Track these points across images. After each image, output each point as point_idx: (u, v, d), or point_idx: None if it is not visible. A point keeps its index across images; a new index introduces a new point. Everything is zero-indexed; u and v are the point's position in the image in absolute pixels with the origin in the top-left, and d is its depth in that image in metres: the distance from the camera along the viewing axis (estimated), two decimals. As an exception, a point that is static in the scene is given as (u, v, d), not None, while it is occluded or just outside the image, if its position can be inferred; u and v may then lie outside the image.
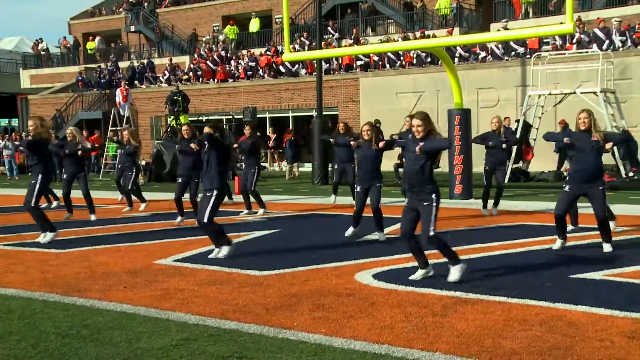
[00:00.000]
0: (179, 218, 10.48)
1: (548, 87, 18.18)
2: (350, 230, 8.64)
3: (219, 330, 4.70)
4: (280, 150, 24.92)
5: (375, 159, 8.27)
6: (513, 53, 22.05)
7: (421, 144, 6.00)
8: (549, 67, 18.25)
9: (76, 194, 11.69)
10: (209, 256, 7.48)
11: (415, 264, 6.34)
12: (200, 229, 7.68)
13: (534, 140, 17.84)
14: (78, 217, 11.36)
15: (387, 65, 24.85)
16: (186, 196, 10.54)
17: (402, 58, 24.54)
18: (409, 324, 4.72)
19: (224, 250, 7.47)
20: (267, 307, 5.31)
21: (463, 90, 14.26)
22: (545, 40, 22.07)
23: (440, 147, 6.18)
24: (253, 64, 28.10)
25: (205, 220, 7.27)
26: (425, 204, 6.06)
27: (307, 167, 24.02)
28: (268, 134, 25.43)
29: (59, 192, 12.89)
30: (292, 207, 12.87)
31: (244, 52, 29.77)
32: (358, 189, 8.34)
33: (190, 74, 29.35)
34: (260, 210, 11.66)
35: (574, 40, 21.17)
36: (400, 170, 16.92)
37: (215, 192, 7.31)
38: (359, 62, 25.39)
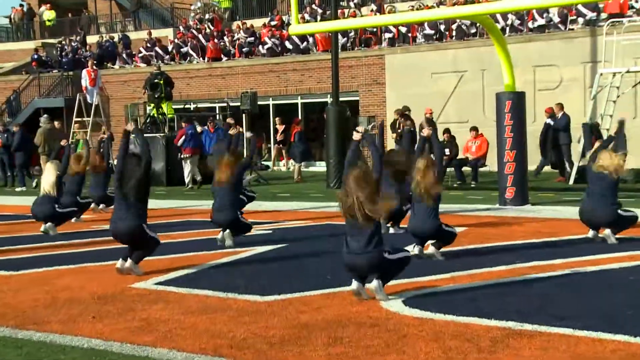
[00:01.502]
0: None
1: (625, 63, 18.06)
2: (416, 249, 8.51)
3: (211, 370, 4.73)
4: (282, 146, 24.96)
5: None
6: (583, 21, 21.87)
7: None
8: (627, 38, 18.04)
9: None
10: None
11: (457, 286, 6.31)
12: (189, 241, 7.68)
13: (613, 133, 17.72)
14: (35, 230, 11.44)
15: (420, 39, 24.84)
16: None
17: (439, 29, 24.53)
18: (449, 363, 4.72)
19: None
20: (271, 341, 5.32)
21: (515, 69, 14.23)
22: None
23: None
24: (252, 39, 28.20)
25: None
26: None
27: (320, 167, 24.04)
28: (276, 125, 25.46)
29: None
30: (302, 216, 12.87)
31: (239, 23, 29.88)
32: None
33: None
34: None
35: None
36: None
37: None
38: (385, 35, 25.40)
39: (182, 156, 19.51)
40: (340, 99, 19.58)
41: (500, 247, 9.07)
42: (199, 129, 20.15)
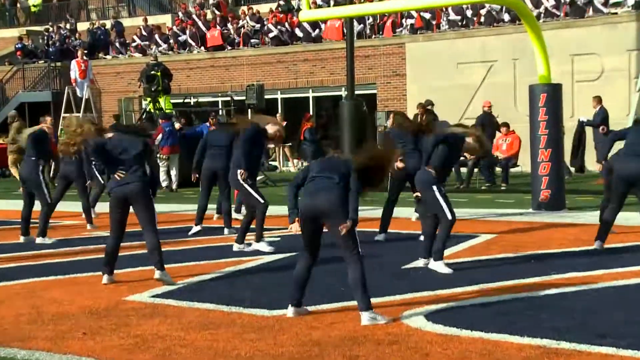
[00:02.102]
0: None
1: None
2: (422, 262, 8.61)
3: (213, 392, 4.74)
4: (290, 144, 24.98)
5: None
6: (630, 3, 21.68)
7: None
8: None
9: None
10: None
11: (485, 299, 6.28)
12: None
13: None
14: (18, 236, 11.50)
15: (445, 25, 24.81)
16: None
17: (466, 14, 24.50)
18: (477, 384, 4.72)
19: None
20: (280, 359, 5.33)
21: (551, 58, 14.19)
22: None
23: None
24: (258, 25, 28.25)
25: None
26: None
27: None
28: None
29: None
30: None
31: (245, 8, 29.94)
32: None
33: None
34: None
35: None
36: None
37: None
38: (406, 22, 25.39)
39: (159, 156, 19.42)
40: (356, 92, 19.60)
41: (533, 257, 9.04)
42: (177, 125, 20.12)
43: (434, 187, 8.33)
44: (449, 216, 8.21)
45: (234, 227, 11.50)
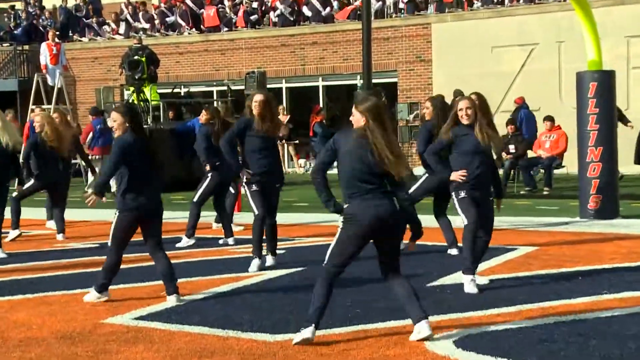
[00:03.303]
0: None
1: None
2: None
3: None
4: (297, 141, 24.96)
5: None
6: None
7: None
8: None
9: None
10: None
11: (523, 323, 6.29)
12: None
13: None
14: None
15: (477, 3, 24.79)
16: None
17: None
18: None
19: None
20: (284, 393, 5.35)
21: (603, 41, 14.17)
22: None
23: None
24: (256, 4, 28.23)
25: None
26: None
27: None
28: (279, 116, 25.54)
29: None
30: (323, 231, 12.87)
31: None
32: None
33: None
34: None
35: None
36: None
37: None
38: (431, -3, 25.40)
39: (91, 157, 19.16)
40: (374, 80, 19.59)
41: (581, 273, 9.03)
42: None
43: (452, 194, 8.57)
44: (465, 221, 8.34)
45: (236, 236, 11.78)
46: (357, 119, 6.52)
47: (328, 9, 26.62)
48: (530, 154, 18.64)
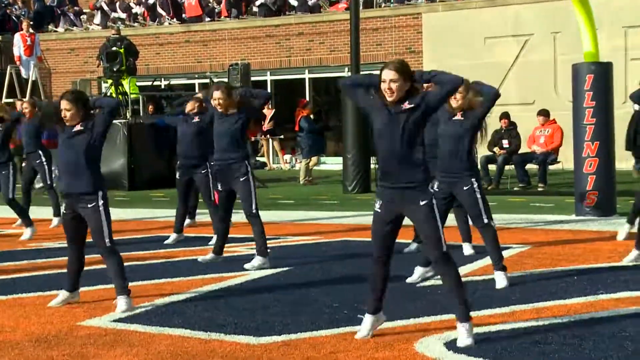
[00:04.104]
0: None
1: None
2: (417, 273, 8.75)
3: None
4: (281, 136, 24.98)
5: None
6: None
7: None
8: None
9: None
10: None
11: (516, 324, 6.30)
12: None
13: None
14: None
15: (470, -9, 24.84)
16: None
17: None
18: None
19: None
20: (268, 398, 5.33)
21: (600, 31, 14.19)
22: None
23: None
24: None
25: None
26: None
27: (333, 163, 24.02)
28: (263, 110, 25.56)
29: None
30: (311, 230, 12.87)
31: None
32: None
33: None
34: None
35: None
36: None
37: None
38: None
39: None
40: (363, 72, 19.58)
41: (576, 272, 9.03)
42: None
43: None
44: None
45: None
46: None
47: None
48: (524, 149, 18.66)
